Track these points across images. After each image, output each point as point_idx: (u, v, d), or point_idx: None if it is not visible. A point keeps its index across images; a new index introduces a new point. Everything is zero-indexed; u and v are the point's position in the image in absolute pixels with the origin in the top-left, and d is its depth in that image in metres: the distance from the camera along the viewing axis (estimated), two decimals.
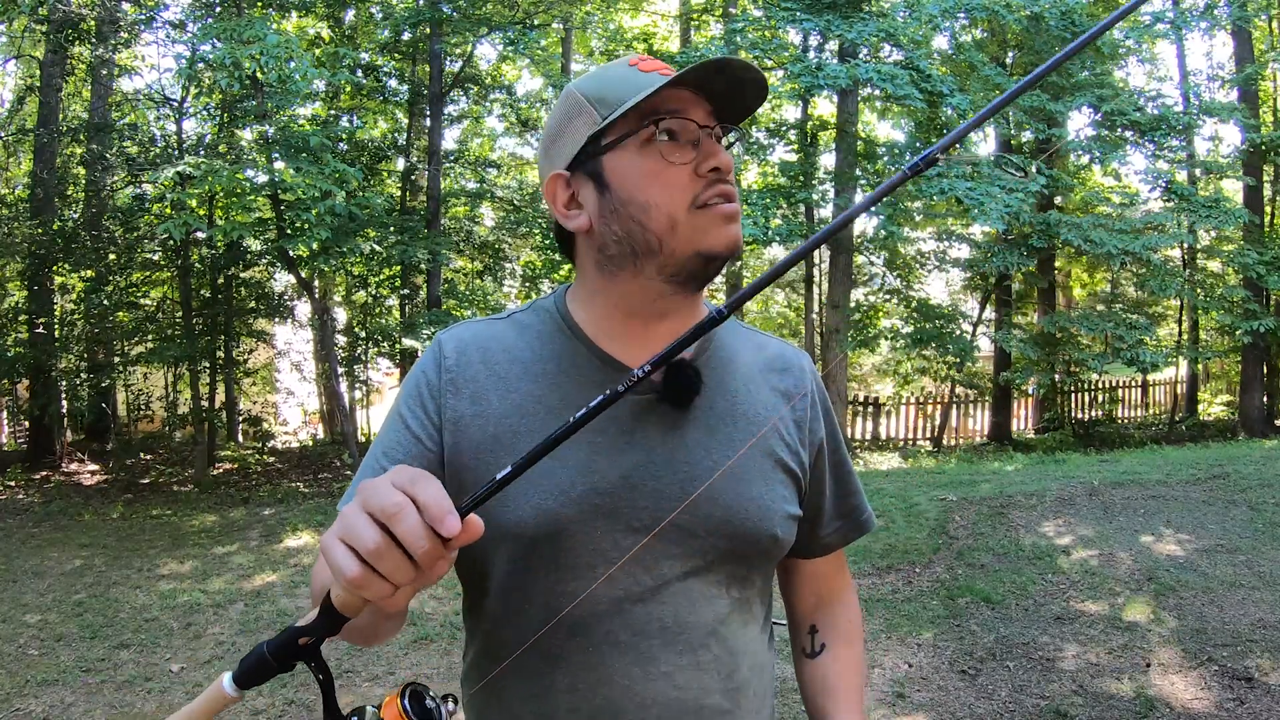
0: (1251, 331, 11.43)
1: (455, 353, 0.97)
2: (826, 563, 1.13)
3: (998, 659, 3.87)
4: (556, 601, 0.91)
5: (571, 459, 0.91)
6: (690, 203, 0.91)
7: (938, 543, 5.66)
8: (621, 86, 0.91)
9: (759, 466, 0.97)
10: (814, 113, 12.99)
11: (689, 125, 0.91)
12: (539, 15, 10.72)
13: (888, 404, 14.46)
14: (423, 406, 0.96)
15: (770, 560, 1.00)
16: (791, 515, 0.99)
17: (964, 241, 13.04)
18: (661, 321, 0.97)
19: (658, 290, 0.94)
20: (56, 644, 4.40)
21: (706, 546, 0.93)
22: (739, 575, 0.96)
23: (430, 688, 0.77)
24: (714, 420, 0.96)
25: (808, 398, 1.04)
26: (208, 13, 8.83)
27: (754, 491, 0.95)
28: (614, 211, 0.92)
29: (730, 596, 0.95)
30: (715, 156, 0.91)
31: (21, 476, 9.88)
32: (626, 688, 0.90)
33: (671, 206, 0.91)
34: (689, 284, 0.95)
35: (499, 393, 0.95)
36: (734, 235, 0.92)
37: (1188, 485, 6.67)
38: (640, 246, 0.92)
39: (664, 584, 0.91)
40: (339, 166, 7.81)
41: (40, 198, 10.78)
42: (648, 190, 0.91)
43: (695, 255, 0.92)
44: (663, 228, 0.91)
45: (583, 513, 0.90)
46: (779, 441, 1.00)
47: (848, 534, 1.11)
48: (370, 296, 13.01)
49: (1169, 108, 11.99)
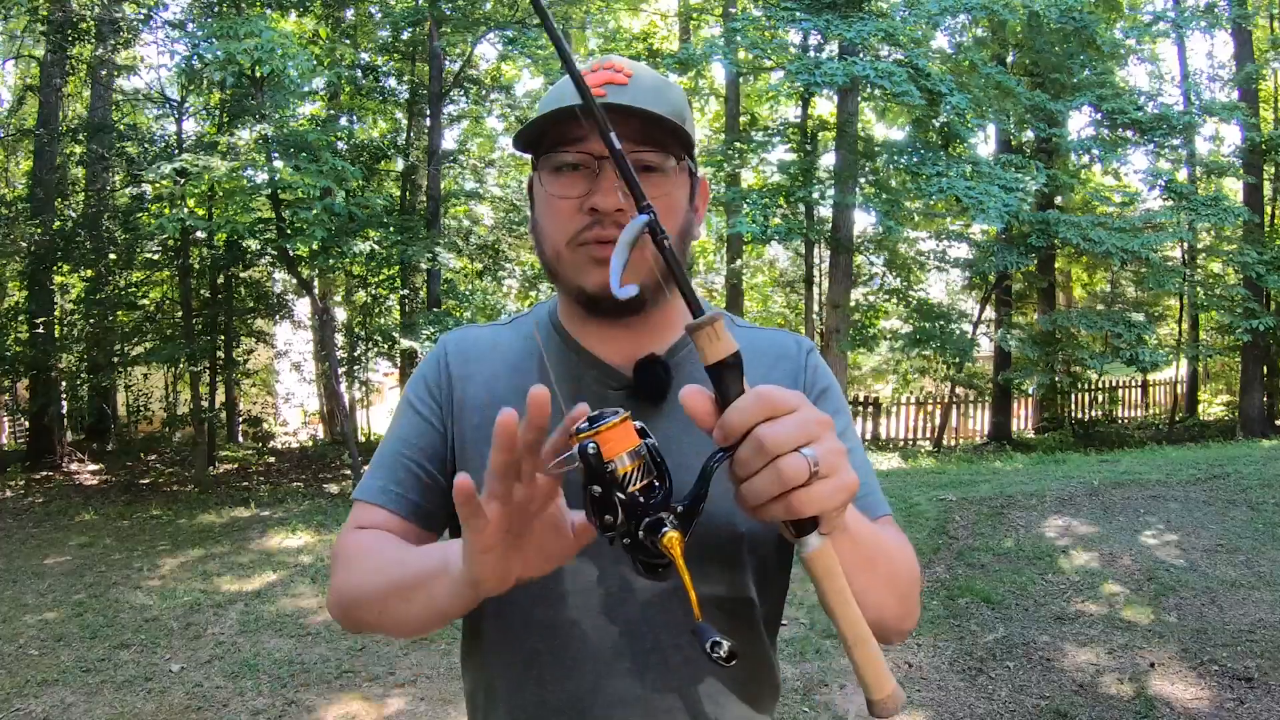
0: (1251, 331, 11.43)
1: (456, 352, 1.03)
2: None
3: (998, 659, 3.87)
4: (540, 596, 0.92)
5: None
6: (569, 239, 0.91)
7: (938, 543, 5.66)
8: (554, 98, 0.90)
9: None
10: (814, 112, 12.99)
11: (581, 156, 0.89)
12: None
13: (888, 404, 14.46)
14: (430, 395, 1.01)
15: (750, 556, 0.95)
16: None
17: (964, 241, 13.04)
18: (617, 325, 0.96)
19: (577, 310, 0.97)
20: (56, 644, 4.39)
21: (690, 545, 0.91)
22: (715, 574, 0.93)
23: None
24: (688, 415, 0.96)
25: (801, 382, 1.02)
26: (206, 12, 8.83)
27: (723, 487, 0.94)
28: (533, 229, 0.99)
29: (739, 587, 0.94)
30: (594, 196, 0.88)
31: (21, 476, 9.88)
32: (595, 683, 0.91)
33: (555, 239, 0.93)
34: (591, 314, 0.94)
35: (491, 388, 0.99)
36: (604, 280, 0.85)
37: (1188, 485, 6.67)
38: (547, 266, 0.96)
39: (646, 583, 0.90)
40: (338, 165, 7.80)
41: (40, 198, 10.78)
42: (544, 218, 0.95)
43: (579, 290, 0.92)
44: (551, 257, 0.94)
45: None
46: None
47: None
48: (370, 296, 13.00)
49: (1169, 107, 11.99)
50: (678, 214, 0.95)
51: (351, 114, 12.67)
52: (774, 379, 1.00)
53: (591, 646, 0.92)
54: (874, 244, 12.79)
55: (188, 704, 3.64)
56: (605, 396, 0.96)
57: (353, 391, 12.85)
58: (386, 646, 4.20)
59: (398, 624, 0.86)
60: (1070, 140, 11.85)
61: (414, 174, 12.29)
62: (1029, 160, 11.44)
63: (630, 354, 0.97)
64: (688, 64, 10.98)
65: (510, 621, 0.95)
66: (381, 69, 11.51)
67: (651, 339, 0.99)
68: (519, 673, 0.94)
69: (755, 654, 0.99)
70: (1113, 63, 12.48)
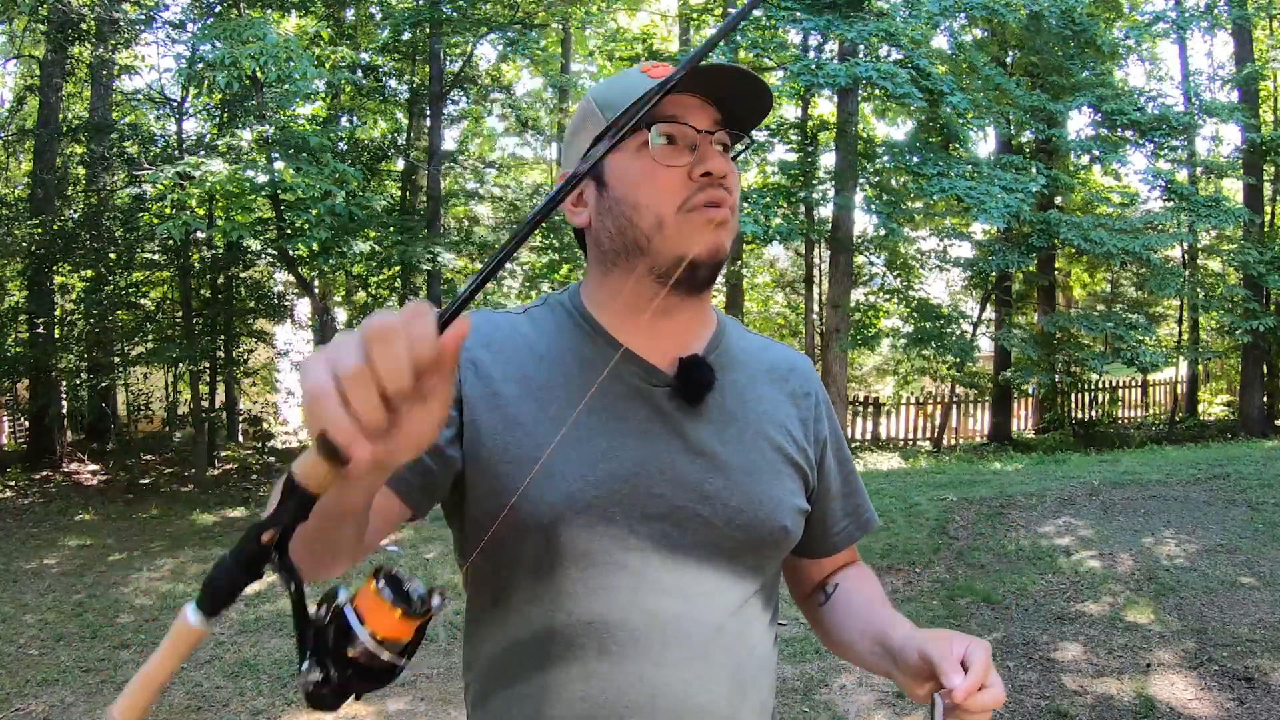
0: (1251, 331, 11.43)
1: (479, 336, 0.98)
2: (838, 559, 1.16)
3: (998, 659, 3.87)
4: (573, 588, 0.91)
5: (592, 445, 0.93)
6: (679, 205, 0.93)
7: (938, 543, 5.66)
8: (628, 92, 0.95)
9: (768, 461, 1.00)
10: (814, 112, 12.99)
11: (686, 130, 0.94)
12: (539, 15, 10.72)
13: (888, 404, 14.46)
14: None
15: (780, 552, 1.02)
16: (800, 509, 1.03)
17: (964, 240, 13.04)
18: (663, 318, 0.98)
19: (650, 289, 0.96)
20: (56, 644, 4.39)
21: (723, 537, 0.95)
22: (752, 567, 0.98)
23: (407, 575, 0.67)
24: (724, 416, 0.99)
25: (811, 398, 1.08)
26: (207, 13, 8.84)
27: (765, 484, 0.98)
28: (609, 209, 0.97)
29: (742, 589, 0.97)
30: (708, 161, 0.93)
31: (21, 476, 9.88)
32: (639, 679, 0.90)
33: (660, 207, 0.93)
34: (677, 286, 0.96)
35: (514, 379, 0.96)
36: (718, 241, 0.94)
37: (1188, 485, 6.67)
38: (630, 244, 0.95)
39: (681, 574, 0.93)
40: (339, 166, 7.81)
41: (40, 198, 10.77)
42: (639, 190, 0.94)
43: (678, 258, 0.94)
44: (650, 226, 0.94)
45: (600, 496, 0.91)
46: (787, 438, 1.03)
47: (853, 533, 1.14)
48: (370, 297, 13.00)
49: (1169, 107, 11.98)
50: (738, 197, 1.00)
51: (352, 114, 12.67)
52: (787, 387, 1.07)
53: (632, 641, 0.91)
54: (874, 244, 12.79)
55: (188, 704, 3.64)
56: (646, 393, 0.97)
57: None
58: None
59: (318, 548, 0.74)
60: (1070, 140, 11.85)
61: (414, 174, 12.29)
62: (1029, 161, 11.45)
63: (667, 349, 0.99)
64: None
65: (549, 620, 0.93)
66: (382, 69, 11.51)
67: (691, 334, 1.01)
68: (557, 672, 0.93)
69: (770, 650, 1.03)
70: (1112, 63, 12.48)
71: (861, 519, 1.15)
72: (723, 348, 1.04)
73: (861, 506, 1.15)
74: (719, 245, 0.94)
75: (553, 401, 0.95)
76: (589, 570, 0.91)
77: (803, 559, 1.13)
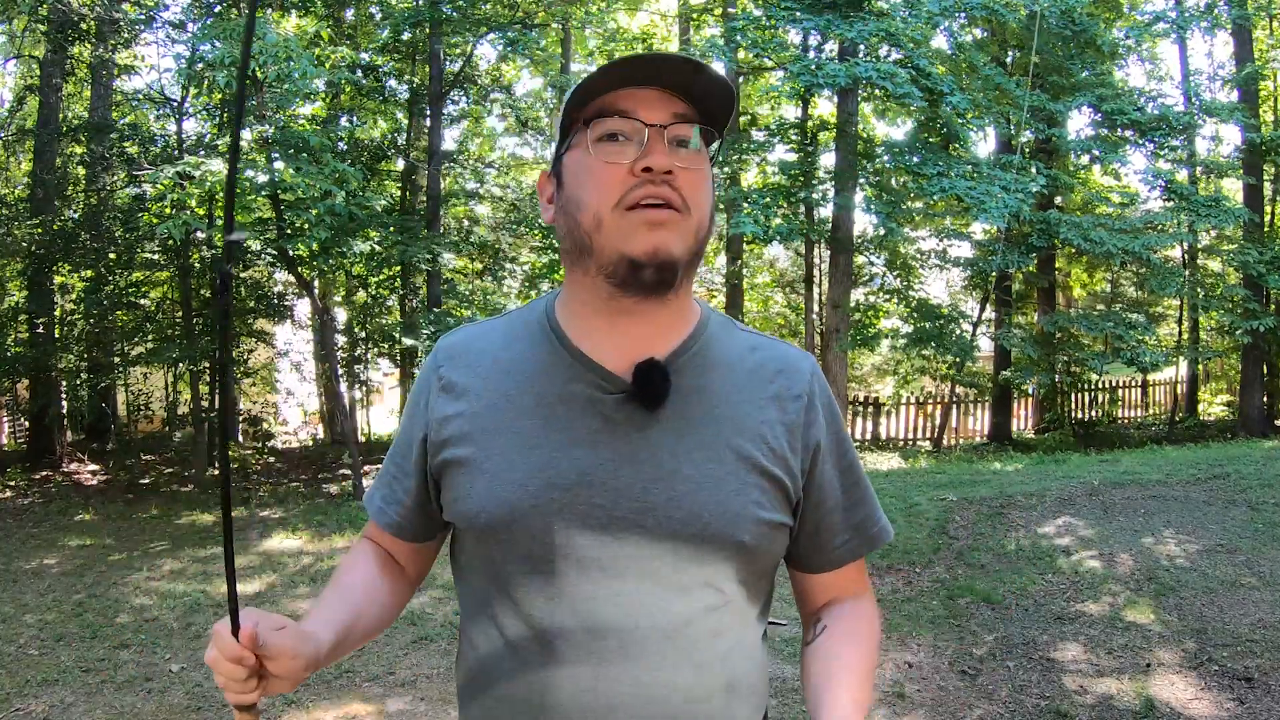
0: (1251, 331, 11.43)
1: (447, 358, 1.03)
2: (839, 575, 1.07)
3: (998, 659, 3.87)
4: (516, 594, 0.93)
5: (536, 453, 0.93)
6: (616, 202, 0.90)
7: (938, 543, 5.66)
8: (582, 87, 0.93)
9: (730, 471, 0.94)
10: (814, 112, 12.99)
11: (631, 124, 0.90)
12: (539, 15, 10.72)
13: (888, 404, 14.46)
14: (419, 407, 1.04)
15: (744, 566, 0.95)
16: (769, 522, 0.95)
17: (964, 240, 13.04)
18: (625, 319, 0.95)
19: (604, 289, 0.94)
20: (56, 644, 4.39)
21: (666, 550, 0.91)
22: (707, 580, 0.93)
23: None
24: (685, 423, 0.94)
25: (801, 400, 1.00)
26: (207, 13, 8.83)
27: (721, 496, 0.92)
28: (562, 208, 0.96)
29: (699, 601, 0.92)
30: (648, 156, 0.89)
31: (21, 476, 9.88)
32: (582, 686, 0.90)
33: (599, 205, 0.91)
34: (625, 287, 0.92)
35: (479, 392, 0.98)
36: (655, 243, 0.89)
37: (1188, 485, 6.67)
38: (579, 243, 0.94)
39: (622, 584, 0.91)
40: (339, 166, 7.80)
41: (40, 198, 10.77)
42: (582, 188, 0.93)
43: (620, 258, 0.91)
44: (591, 225, 0.92)
45: (539, 505, 0.91)
46: (759, 446, 0.96)
47: (857, 548, 1.06)
48: (370, 297, 13.00)
49: (1169, 107, 11.98)
50: (710, 191, 0.96)
51: (352, 114, 12.67)
52: (771, 390, 0.99)
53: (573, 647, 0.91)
54: (874, 244, 12.79)
55: (188, 704, 3.64)
56: (598, 401, 0.94)
57: (353, 392, 12.85)
58: (386, 647, 4.20)
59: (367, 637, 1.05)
60: (1070, 140, 11.85)
61: (414, 174, 12.29)
62: (1029, 161, 11.44)
63: (631, 353, 0.95)
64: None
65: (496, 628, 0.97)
66: (382, 69, 11.51)
67: (659, 336, 0.97)
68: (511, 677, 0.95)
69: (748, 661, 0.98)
70: (1111, 63, 12.48)
71: (867, 533, 1.06)
72: (698, 348, 0.99)
73: (868, 520, 1.06)
74: (656, 247, 0.89)
75: (508, 408, 0.96)
76: (533, 578, 0.92)
77: (801, 573, 1.07)
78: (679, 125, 0.91)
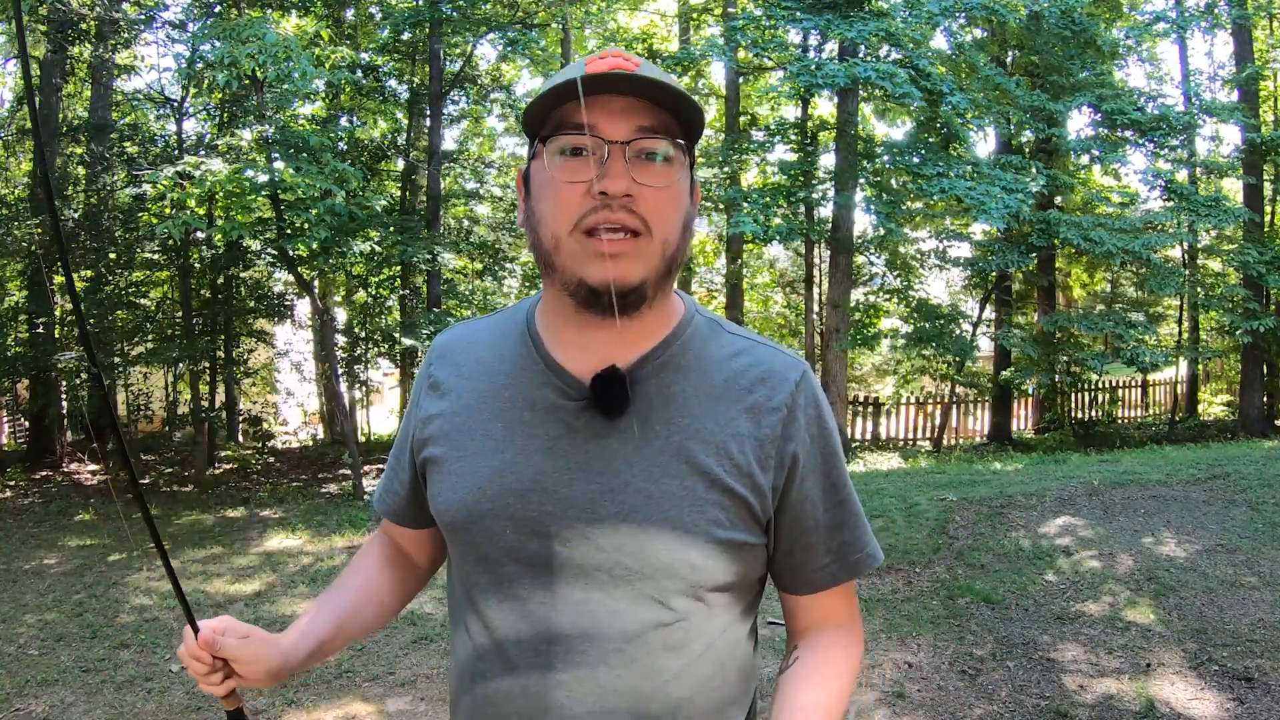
0: (1251, 331, 11.43)
1: (439, 355, 1.05)
2: (820, 601, 1.01)
3: (998, 659, 3.87)
4: (478, 599, 0.95)
5: (499, 457, 0.94)
6: (574, 225, 0.87)
7: (938, 543, 5.66)
8: (551, 89, 0.88)
9: (685, 487, 0.89)
10: (814, 112, 12.99)
11: (590, 140, 0.85)
12: (539, 15, 10.72)
13: (888, 404, 14.46)
14: (414, 403, 1.06)
15: (697, 584, 0.90)
16: (727, 541, 0.90)
17: (964, 240, 13.04)
18: (595, 328, 0.92)
19: (569, 303, 0.91)
20: (56, 644, 4.39)
21: (611, 563, 0.89)
22: (654, 596, 0.89)
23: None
24: (645, 433, 0.91)
25: (779, 413, 0.93)
26: (207, 12, 8.84)
27: (673, 512, 0.89)
28: (529, 219, 0.93)
29: (647, 616, 0.89)
30: (607, 179, 0.84)
31: (21, 476, 9.88)
32: (525, 690, 0.90)
33: (555, 226, 0.88)
34: (588, 307, 0.89)
35: (460, 392, 1.00)
36: (613, 273, 0.85)
37: (1188, 485, 6.67)
38: (543, 258, 0.92)
39: (570, 592, 0.90)
40: (339, 166, 7.80)
41: (40, 198, 10.77)
42: (543, 204, 0.90)
43: (580, 282, 0.88)
44: (550, 245, 0.89)
45: (494, 509, 0.92)
46: (721, 460, 0.91)
47: (837, 574, 0.99)
48: (370, 296, 13.00)
49: (1169, 107, 11.98)
50: (681, 204, 0.92)
51: (352, 114, 12.67)
52: (749, 400, 0.94)
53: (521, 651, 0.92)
54: (874, 244, 12.79)
55: (188, 704, 3.64)
56: (560, 408, 0.93)
57: (353, 392, 12.85)
58: (386, 646, 4.20)
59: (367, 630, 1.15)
60: (1070, 140, 11.85)
61: (414, 174, 12.29)
62: (1028, 161, 11.44)
63: (596, 361, 0.93)
64: (687, 64, 10.97)
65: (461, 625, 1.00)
66: (382, 69, 11.51)
67: (632, 343, 0.94)
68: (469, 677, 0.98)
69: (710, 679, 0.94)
70: (1111, 64, 12.48)
71: (849, 559, 0.98)
72: (671, 354, 0.94)
73: (851, 545, 0.98)
74: (613, 278, 0.85)
75: (482, 410, 0.97)
76: (488, 579, 0.94)
77: (783, 593, 1.02)
78: (644, 139, 0.86)
